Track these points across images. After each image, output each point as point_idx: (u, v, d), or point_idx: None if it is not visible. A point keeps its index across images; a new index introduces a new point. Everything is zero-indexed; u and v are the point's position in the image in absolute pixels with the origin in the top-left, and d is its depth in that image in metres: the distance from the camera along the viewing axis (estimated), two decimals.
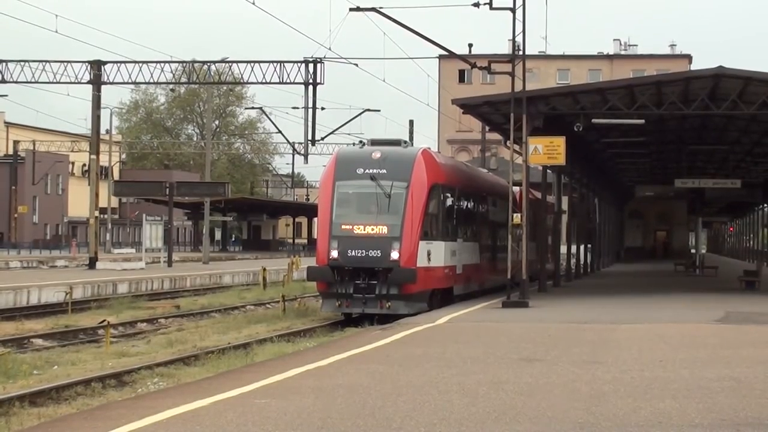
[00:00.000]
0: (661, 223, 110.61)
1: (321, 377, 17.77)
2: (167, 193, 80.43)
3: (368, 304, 33.61)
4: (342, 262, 33.92)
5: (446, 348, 22.78)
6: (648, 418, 13.25)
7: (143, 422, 13.02)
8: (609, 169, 67.28)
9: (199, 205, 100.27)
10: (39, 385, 21.17)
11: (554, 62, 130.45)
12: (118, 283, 50.98)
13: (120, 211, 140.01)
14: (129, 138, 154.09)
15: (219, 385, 16.66)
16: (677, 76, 45.47)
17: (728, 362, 19.53)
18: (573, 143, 39.82)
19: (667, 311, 33.87)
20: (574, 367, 18.91)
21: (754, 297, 42.06)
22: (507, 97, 38.56)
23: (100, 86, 69.72)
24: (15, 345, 29.14)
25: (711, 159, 62.90)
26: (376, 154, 35.15)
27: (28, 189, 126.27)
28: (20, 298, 42.50)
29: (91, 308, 41.42)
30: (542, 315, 31.98)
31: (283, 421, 13.21)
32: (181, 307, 43.50)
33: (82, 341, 31.48)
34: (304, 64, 68.07)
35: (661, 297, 41.91)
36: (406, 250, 33.74)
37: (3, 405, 18.81)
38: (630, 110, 40.47)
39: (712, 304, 36.29)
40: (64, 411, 18.52)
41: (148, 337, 33.21)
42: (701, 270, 69.74)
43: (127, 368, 23.93)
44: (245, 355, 25.96)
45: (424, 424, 12.82)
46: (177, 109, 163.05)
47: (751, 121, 45.73)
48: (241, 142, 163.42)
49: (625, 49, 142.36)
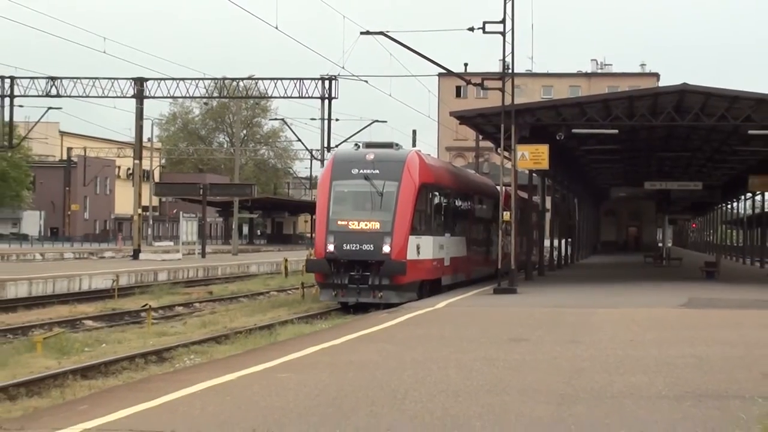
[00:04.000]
0: (632, 220, 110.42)
1: (335, 354, 17.78)
2: (201, 193, 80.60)
3: (362, 294, 32.83)
4: (338, 255, 33.03)
5: (445, 329, 22.78)
6: (621, 391, 13.25)
7: (180, 393, 13.03)
8: (587, 173, 67.17)
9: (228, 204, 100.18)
10: (89, 361, 21.19)
11: (539, 79, 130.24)
12: (159, 271, 51.00)
13: (160, 209, 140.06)
14: (168, 145, 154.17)
15: (246, 361, 16.67)
16: (647, 91, 45.36)
17: (691, 342, 19.52)
18: (556, 150, 39.78)
19: (637, 297, 33.85)
20: (556, 346, 18.90)
21: (714, 285, 42.00)
22: (498, 110, 38.53)
23: (142, 100, 69.77)
24: (69, 325, 29.19)
25: (676, 164, 62.82)
26: (369, 156, 34.39)
27: (79, 190, 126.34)
28: (73, 284, 42.56)
29: (135, 294, 41.44)
30: (529, 300, 31.95)
31: (302, 392, 13.22)
32: (213, 293, 43.52)
33: (127, 322, 31.51)
34: (320, 81, 68.15)
35: (632, 285, 41.85)
36: (396, 244, 32.88)
37: (58, 378, 18.86)
38: (605, 121, 40.41)
39: (677, 291, 36.25)
40: (111, 383, 18.53)
41: (184, 319, 33.21)
42: (667, 261, 69.68)
43: (166, 346, 23.94)
44: (269, 335, 25.95)
45: (426, 395, 12.82)
46: (210, 120, 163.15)
47: (711, 131, 45.68)
48: (266, 149, 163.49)
49: (601, 68, 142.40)
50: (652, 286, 40.59)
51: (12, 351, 22.36)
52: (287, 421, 10.95)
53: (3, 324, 29.47)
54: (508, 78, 38.07)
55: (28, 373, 19.40)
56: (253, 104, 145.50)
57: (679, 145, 51.81)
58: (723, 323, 24.16)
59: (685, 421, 11.02)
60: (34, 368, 20.17)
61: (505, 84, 37.79)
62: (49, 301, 37.94)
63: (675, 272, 55.93)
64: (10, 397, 17.09)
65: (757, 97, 38.55)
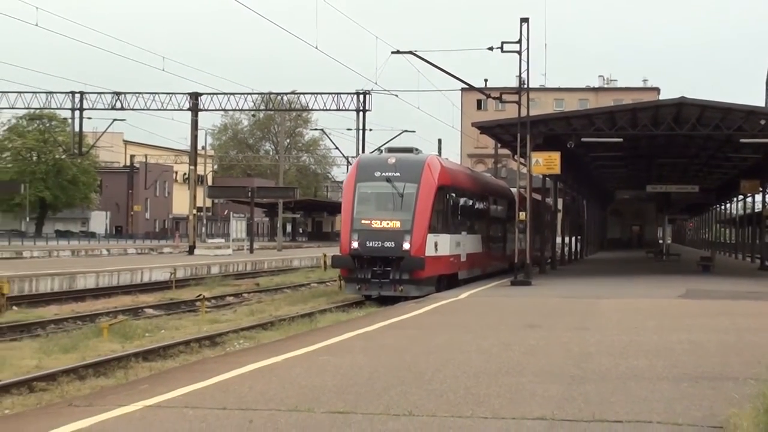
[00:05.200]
0: (635, 219, 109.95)
1: (368, 339, 17.79)
2: (249, 195, 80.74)
3: (384, 288, 31.99)
4: (361, 251, 32.18)
5: (467, 317, 22.78)
6: (625, 373, 13.21)
7: (231, 374, 13.07)
8: (594, 177, 66.92)
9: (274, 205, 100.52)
10: (150, 345, 21.28)
11: (552, 93, 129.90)
12: (211, 265, 51.14)
13: (212, 210, 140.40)
14: (219, 153, 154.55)
15: (289, 346, 16.70)
16: (648, 104, 45.19)
17: (688, 329, 19.44)
18: (567, 157, 39.67)
19: (640, 289, 33.72)
20: (567, 332, 18.85)
21: (709, 278, 41.83)
22: (514, 121, 38.51)
23: (197, 113, 70.03)
24: (132, 313, 29.32)
25: (675, 169, 62.47)
26: (391, 160, 33.68)
27: (141, 192, 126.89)
28: (136, 277, 42.74)
29: (190, 285, 41.60)
30: (542, 291, 31.88)
31: (339, 373, 13.24)
32: (260, 285, 43.59)
33: (183, 311, 31.63)
34: (356, 95, 68.32)
35: (635, 278, 41.72)
36: (416, 241, 32.05)
37: (122, 360, 18.95)
38: (611, 131, 40.31)
39: (676, 283, 36.12)
40: (169, 365, 18.61)
41: (234, 307, 33.29)
42: (667, 257, 69.47)
43: (218, 332, 24.01)
44: (309, 322, 25.98)
45: (450, 376, 12.82)
46: (257, 130, 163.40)
47: (707, 139, 45.46)
48: (307, 156, 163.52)
49: (607, 83, 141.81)
50: (653, 279, 40.44)
51: (81, 336, 22.48)
52: (326, 398, 10.97)
53: (73, 312, 29.65)
54: (524, 92, 38.12)
55: (96, 355, 19.52)
56: (296, 116, 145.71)
57: (678, 152, 51.56)
58: (717, 312, 24.04)
59: (682, 400, 10.98)
60: (101, 351, 20.29)
61: (521, 98, 37.82)
62: (114, 291, 38.12)
63: (674, 266, 55.74)
64: (79, 377, 17.19)
65: (748, 109, 38.86)
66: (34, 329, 25.28)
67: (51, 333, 24.54)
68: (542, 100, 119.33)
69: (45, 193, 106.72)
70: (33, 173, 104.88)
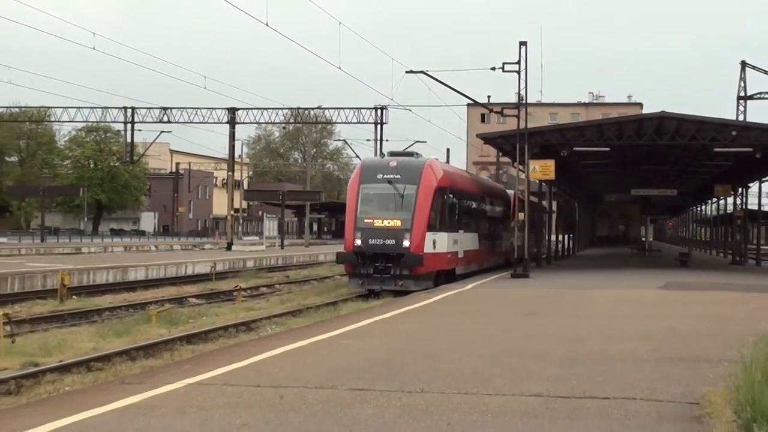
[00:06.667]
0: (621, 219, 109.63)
1: (386, 325, 17.78)
2: (280, 198, 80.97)
3: (385, 282, 30.91)
4: (364, 248, 31.07)
5: (472, 306, 22.75)
6: (612, 355, 13.17)
7: (264, 355, 13.08)
8: (585, 182, 66.71)
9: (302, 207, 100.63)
10: (193, 330, 21.35)
11: (547, 108, 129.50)
12: (247, 260, 51.24)
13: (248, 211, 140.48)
14: (254, 160, 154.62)
15: (315, 331, 16.70)
16: (632, 117, 44.99)
17: (668, 316, 19.37)
18: (560, 164, 39.51)
19: (625, 281, 33.61)
20: (561, 319, 18.81)
21: (687, 271, 41.70)
22: (514, 133, 38.44)
23: (234, 125, 70.18)
24: (176, 302, 29.42)
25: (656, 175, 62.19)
26: (392, 163, 32.48)
27: (185, 195, 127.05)
28: (180, 270, 42.86)
29: (228, 277, 41.70)
30: (539, 284, 31.77)
31: (360, 354, 13.24)
32: (289, 277, 43.71)
33: (222, 300, 31.70)
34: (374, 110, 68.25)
35: (621, 271, 41.61)
36: (415, 239, 30.98)
37: (168, 343, 19.01)
38: (600, 141, 40.18)
39: (657, 276, 36.02)
40: (210, 348, 18.63)
41: (267, 297, 33.36)
42: (649, 252, 69.37)
43: (253, 318, 24.08)
44: (333, 310, 26.00)
45: (457, 357, 12.80)
46: (287, 141, 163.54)
47: (684, 148, 45.25)
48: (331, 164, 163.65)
49: (596, 99, 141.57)
50: (637, 272, 40.31)
51: (133, 322, 22.56)
52: (348, 377, 10.96)
53: (126, 301, 29.76)
54: (522, 107, 38.01)
55: (145, 339, 19.58)
56: (321, 128, 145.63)
57: (659, 160, 51.37)
58: (694, 301, 23.98)
59: (663, 380, 10.94)
60: (149, 335, 20.36)
61: (519, 112, 37.74)
62: (162, 283, 38.26)
63: (655, 261, 55.61)
64: (131, 358, 17.24)
65: (720, 122, 39.08)
66: (91, 316, 25.39)
67: (106, 319, 24.65)
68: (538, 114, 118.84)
69: (101, 196, 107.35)
70: (91, 179, 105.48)
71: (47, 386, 14.44)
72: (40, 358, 16.77)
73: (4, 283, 31.50)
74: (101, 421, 8.62)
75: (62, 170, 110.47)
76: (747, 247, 58.12)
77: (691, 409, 9.09)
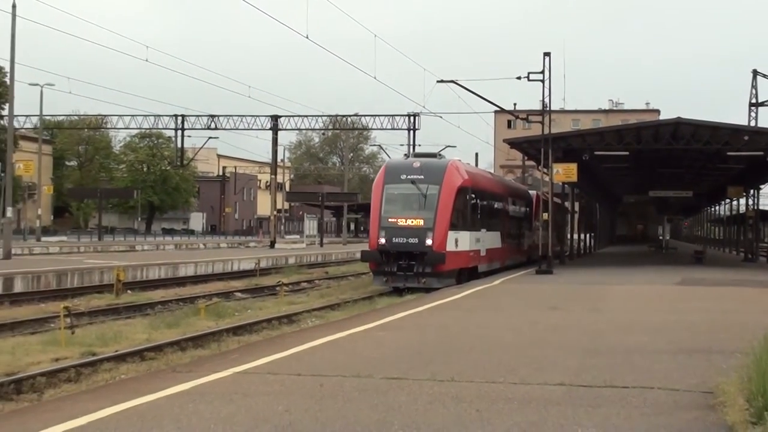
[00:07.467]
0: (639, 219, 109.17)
1: (418, 318, 17.76)
2: (320, 199, 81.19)
3: (408, 280, 29.98)
4: (388, 247, 30.16)
5: (499, 300, 22.69)
6: (631, 347, 13.10)
7: (305, 346, 13.11)
8: (605, 184, 66.39)
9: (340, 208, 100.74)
10: (239, 322, 21.43)
11: (569, 115, 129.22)
12: (289, 257, 51.37)
13: (290, 211, 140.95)
14: (295, 164, 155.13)
15: (352, 323, 16.72)
16: (650, 123, 44.76)
17: (684, 311, 19.24)
18: (582, 167, 39.36)
19: (643, 277, 33.39)
20: (582, 313, 18.73)
21: (701, 268, 41.37)
22: (539, 138, 38.31)
23: (277, 132, 70.40)
24: (223, 296, 29.53)
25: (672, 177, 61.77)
26: (416, 164, 31.49)
27: (231, 197, 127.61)
28: (227, 266, 43.03)
29: (272, 273, 41.78)
30: (562, 279, 31.60)
31: (394, 345, 13.24)
32: (328, 273, 43.73)
33: (266, 294, 31.77)
34: (407, 116, 68.38)
35: (639, 268, 41.36)
36: (437, 238, 30.00)
37: (216, 334, 19.10)
38: (619, 145, 39.94)
39: (673, 273, 35.77)
40: (254, 339, 18.72)
41: (307, 292, 33.41)
42: (666, 250, 68.90)
43: (294, 312, 24.14)
44: (369, 304, 26.03)
45: (486, 348, 12.78)
46: (326, 146, 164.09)
47: (699, 153, 44.93)
48: (367, 167, 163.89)
49: (616, 106, 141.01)
50: (654, 269, 40.03)
51: (183, 315, 22.69)
52: (383, 367, 10.97)
53: (176, 295, 29.91)
54: (546, 114, 37.91)
55: (195, 330, 19.68)
56: (358, 134, 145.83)
57: (675, 163, 51.04)
58: (708, 297, 23.79)
59: (679, 370, 10.87)
60: (198, 327, 20.45)
61: (544, 118, 37.67)
62: (210, 278, 38.42)
63: (671, 258, 55.23)
64: (181, 348, 17.35)
65: (733, 128, 38.75)
66: (144, 309, 25.55)
67: (158, 312, 24.80)
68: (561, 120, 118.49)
69: (153, 197, 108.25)
70: (144, 182, 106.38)
71: (104, 374, 14.57)
72: (98, 348, 16.90)
73: (65, 278, 31.78)
74: (155, 406, 8.69)
75: (118, 173, 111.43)
76: (759, 246, 57.63)
77: (705, 398, 9.03)
